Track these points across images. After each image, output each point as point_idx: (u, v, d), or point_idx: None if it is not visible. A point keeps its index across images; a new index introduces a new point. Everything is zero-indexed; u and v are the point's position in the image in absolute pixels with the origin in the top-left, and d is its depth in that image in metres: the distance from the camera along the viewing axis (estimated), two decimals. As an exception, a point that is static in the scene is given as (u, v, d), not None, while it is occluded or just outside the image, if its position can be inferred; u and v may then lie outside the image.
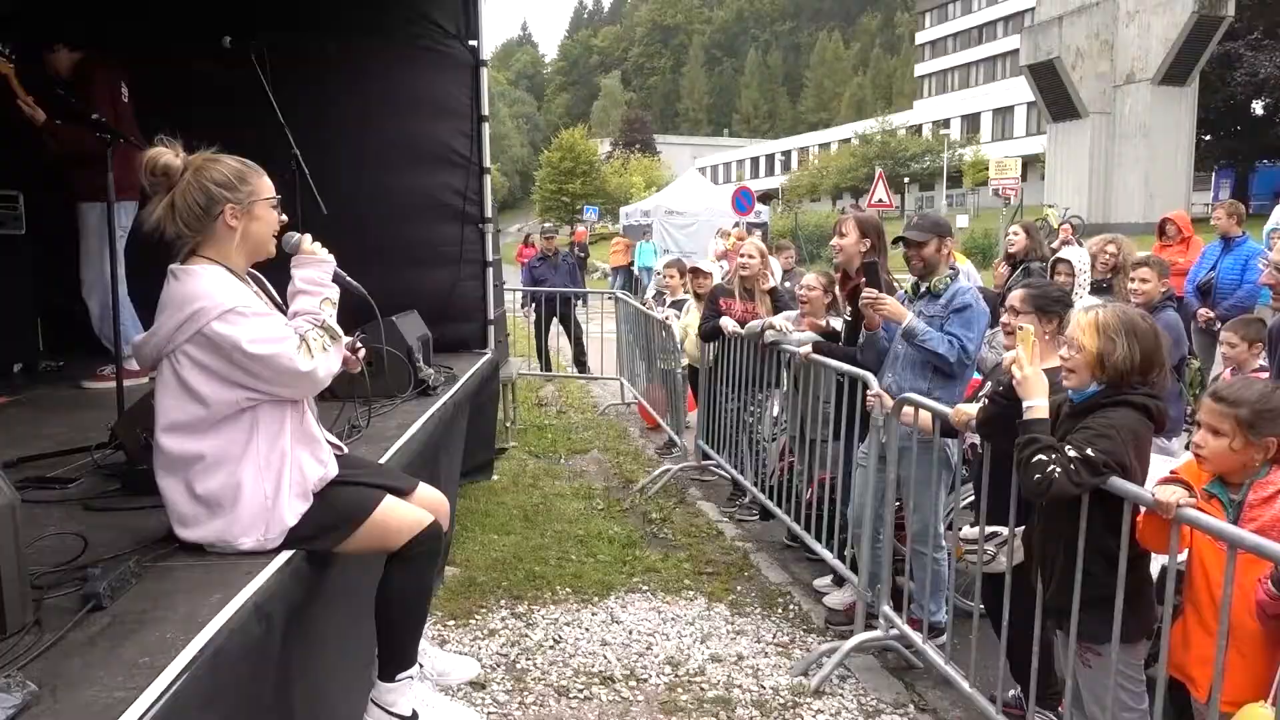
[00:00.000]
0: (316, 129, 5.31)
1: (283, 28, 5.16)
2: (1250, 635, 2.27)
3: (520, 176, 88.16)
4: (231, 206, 2.29)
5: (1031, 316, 3.13)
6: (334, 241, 2.73)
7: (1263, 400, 2.38)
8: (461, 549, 4.97)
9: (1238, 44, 28.02)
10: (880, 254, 4.43)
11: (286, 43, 5.31)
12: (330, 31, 5.56)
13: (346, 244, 4.93)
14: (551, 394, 10.04)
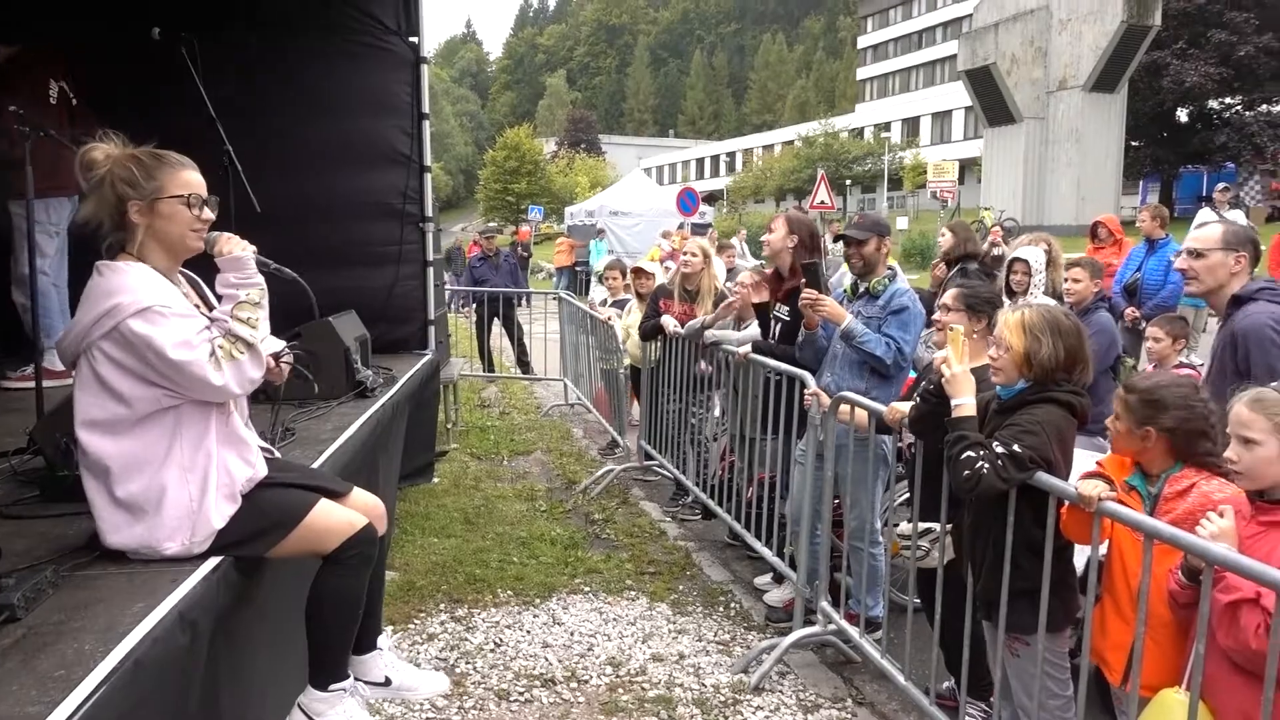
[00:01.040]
0: (252, 125, 5.18)
1: (215, 21, 5.04)
2: (1163, 623, 2.35)
3: (464, 175, 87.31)
4: (135, 203, 2.23)
5: (962, 315, 3.20)
6: (269, 240, 2.67)
7: (1151, 390, 2.47)
8: (401, 552, 4.91)
9: (1164, 53, 29.07)
10: (814, 252, 4.49)
11: (219, 36, 5.18)
12: (266, 25, 5.45)
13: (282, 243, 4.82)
14: (494, 395, 9.97)
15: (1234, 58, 28.64)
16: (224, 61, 5.19)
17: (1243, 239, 3.11)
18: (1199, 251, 3.14)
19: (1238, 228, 3.18)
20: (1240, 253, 3.08)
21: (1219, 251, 3.10)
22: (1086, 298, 4.86)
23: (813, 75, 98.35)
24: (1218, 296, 3.14)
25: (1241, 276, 3.09)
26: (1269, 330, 2.89)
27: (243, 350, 2.21)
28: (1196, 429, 2.40)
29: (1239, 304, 3.04)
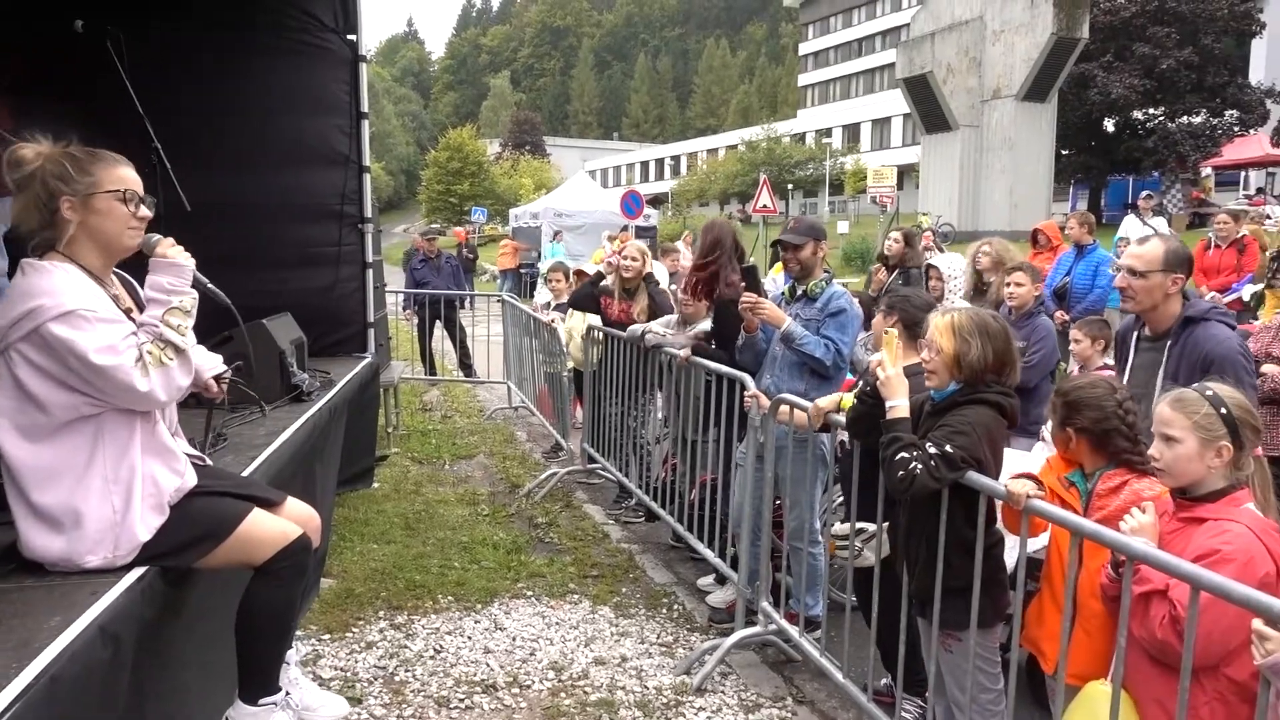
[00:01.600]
0: (182, 123, 5.05)
1: (142, 14, 4.90)
2: (1095, 615, 2.43)
3: (406, 176, 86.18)
4: (68, 199, 2.16)
5: (894, 320, 3.26)
6: (202, 241, 2.60)
7: (1069, 392, 2.60)
8: (339, 559, 4.82)
9: (1092, 65, 30.03)
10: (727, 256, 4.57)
11: (147, 31, 5.03)
12: (196, 20, 5.30)
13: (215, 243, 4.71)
14: (436, 398, 9.85)
15: (1156, 70, 29.73)
16: (152, 57, 5.05)
17: (1181, 259, 3.20)
18: (1140, 271, 3.19)
19: (1177, 247, 3.27)
20: (1178, 274, 3.18)
21: (1159, 274, 3.16)
22: (1028, 303, 4.96)
23: (755, 81, 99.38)
24: (1154, 314, 3.22)
25: (1176, 297, 3.19)
26: (1239, 357, 3.02)
27: (172, 356, 2.15)
28: (1110, 428, 2.50)
29: (1192, 324, 3.13)
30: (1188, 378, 2.99)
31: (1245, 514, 2.18)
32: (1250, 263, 8.41)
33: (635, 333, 5.12)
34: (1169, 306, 3.19)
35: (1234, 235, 8.63)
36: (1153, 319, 3.25)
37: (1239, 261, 8.44)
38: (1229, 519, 2.15)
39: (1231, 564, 2.03)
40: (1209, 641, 1.98)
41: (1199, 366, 3.02)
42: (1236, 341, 3.07)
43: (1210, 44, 30.48)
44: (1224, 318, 3.17)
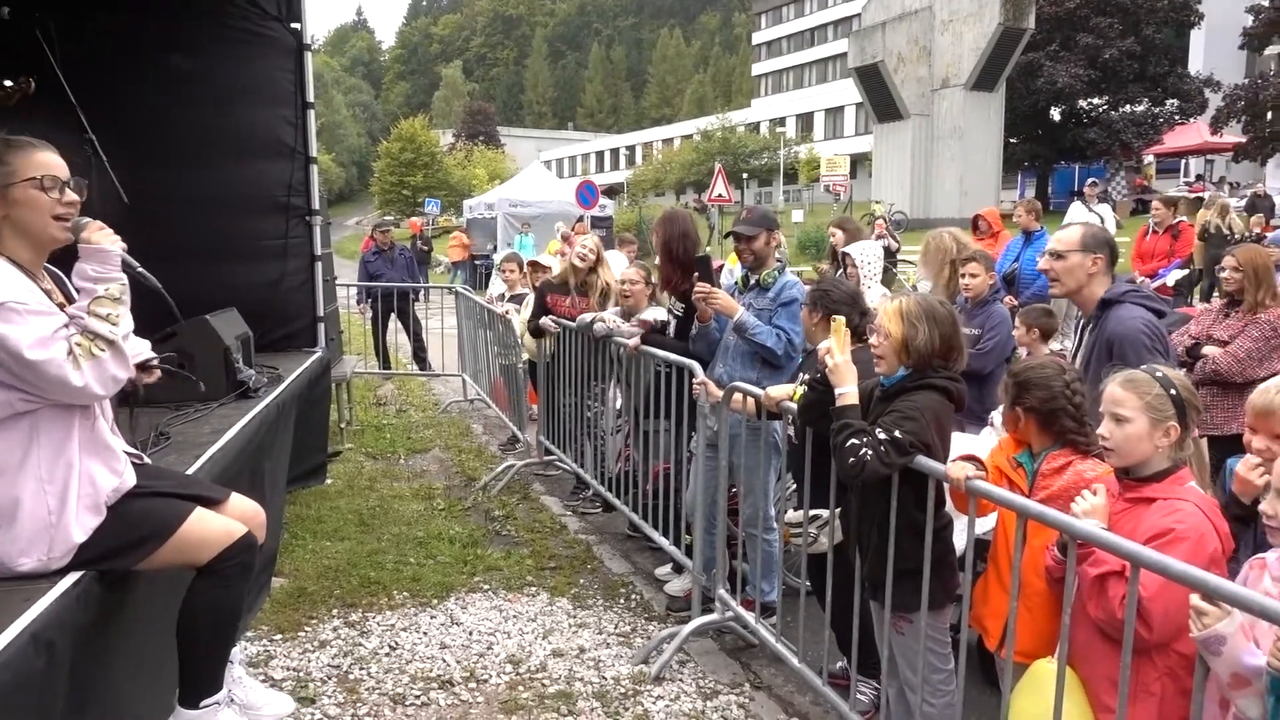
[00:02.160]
0: (118, 114, 4.92)
1: (79, 2, 4.74)
2: (1037, 593, 2.47)
3: (358, 167, 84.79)
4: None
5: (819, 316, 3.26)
6: (142, 235, 2.53)
7: (1020, 372, 2.65)
8: (290, 558, 4.73)
9: (1038, 55, 30.53)
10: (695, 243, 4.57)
11: (80, 18, 4.88)
12: (133, 8, 5.15)
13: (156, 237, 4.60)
14: (390, 392, 9.73)
15: (1100, 60, 30.31)
16: (89, 46, 4.90)
17: (1100, 241, 3.28)
18: (1059, 253, 3.29)
19: (1095, 229, 3.35)
20: (1097, 254, 3.25)
21: (1077, 254, 3.25)
22: (983, 291, 4.98)
23: (710, 70, 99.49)
24: (1080, 296, 3.30)
25: (1100, 276, 3.26)
26: (1142, 335, 3.05)
27: (103, 348, 2.07)
28: (1057, 408, 2.54)
29: (1108, 306, 3.20)
30: (1097, 359, 3.07)
31: (1192, 493, 2.22)
32: (1183, 249, 8.64)
33: (585, 322, 5.09)
34: (1093, 289, 3.25)
35: (1169, 221, 8.84)
36: (1080, 301, 3.33)
37: (1172, 247, 8.66)
38: (1178, 498, 2.19)
39: (1185, 542, 2.07)
40: (1167, 619, 2.01)
41: (1104, 347, 3.09)
42: (1142, 321, 3.09)
43: (1151, 34, 31.17)
44: (1142, 300, 3.22)
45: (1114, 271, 3.32)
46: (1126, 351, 2.98)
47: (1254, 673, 1.69)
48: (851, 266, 5.45)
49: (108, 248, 2.19)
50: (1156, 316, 3.14)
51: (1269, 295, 4.42)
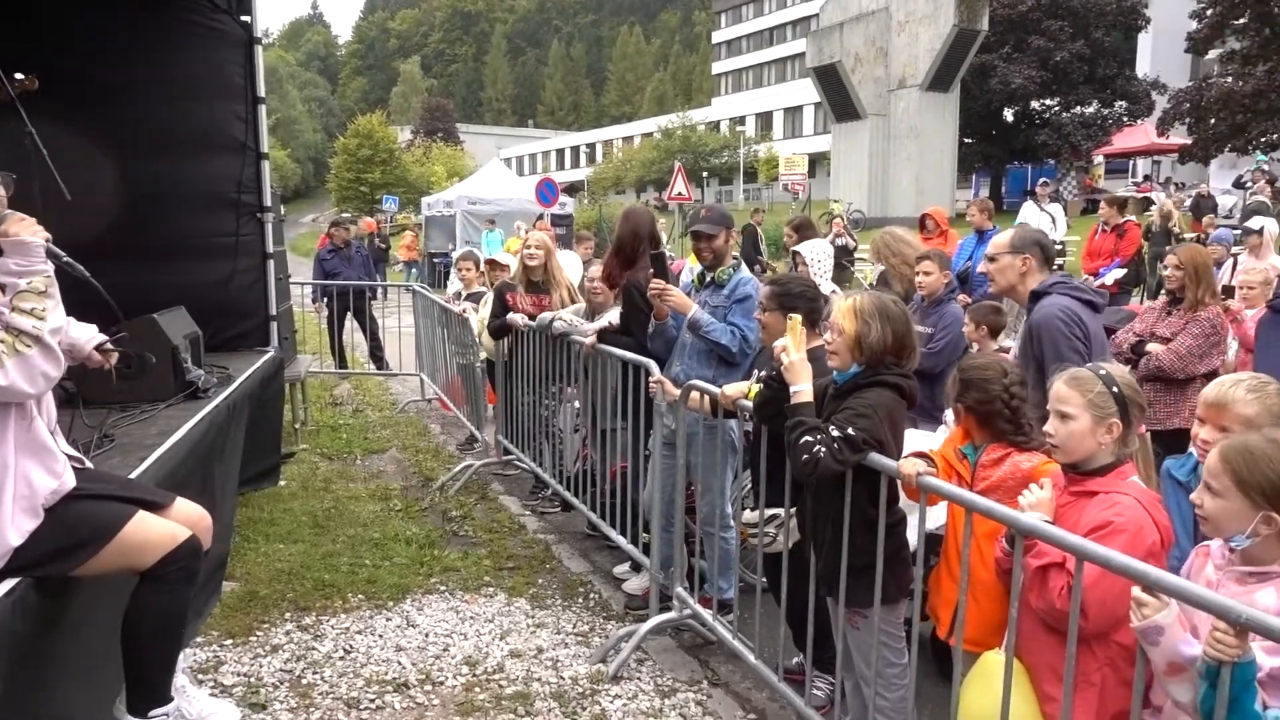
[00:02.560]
0: (61, 108, 4.76)
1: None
2: (981, 583, 2.51)
3: (314, 164, 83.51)
4: None
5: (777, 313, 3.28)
6: (86, 232, 2.46)
7: (964, 371, 2.73)
8: (242, 561, 4.65)
9: (992, 57, 31.03)
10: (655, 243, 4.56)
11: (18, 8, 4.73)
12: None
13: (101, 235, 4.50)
14: (347, 392, 9.60)
15: (1052, 62, 30.90)
16: (29, 37, 4.76)
17: (1029, 241, 3.45)
18: (992, 256, 3.50)
19: (1025, 231, 3.54)
20: (1026, 254, 3.41)
21: (1007, 255, 3.45)
22: (938, 289, 5.04)
23: (670, 68, 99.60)
24: (1015, 293, 3.49)
25: (1032, 275, 3.42)
26: (1057, 321, 3.19)
27: (29, 344, 2.00)
28: (994, 410, 2.61)
29: (1037, 298, 3.31)
30: (1025, 346, 3.20)
31: (1133, 486, 2.28)
32: (1127, 248, 8.85)
33: (544, 320, 5.07)
34: (1025, 286, 3.42)
35: (1115, 220, 9.04)
36: (1016, 298, 3.55)
37: (1115, 246, 8.87)
38: (1119, 491, 2.24)
39: (1124, 534, 2.12)
40: (1102, 609, 2.06)
41: (1029, 335, 3.25)
42: (1059, 309, 3.21)
43: (1100, 37, 31.86)
44: (1070, 290, 3.33)
45: (1049, 269, 3.44)
46: (1043, 338, 3.14)
47: (1190, 661, 1.73)
48: (802, 265, 5.50)
49: (28, 239, 2.11)
50: (1088, 308, 3.25)
51: (1208, 293, 4.54)
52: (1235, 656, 1.60)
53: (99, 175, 4.91)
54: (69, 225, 2.30)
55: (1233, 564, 1.93)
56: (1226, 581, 1.90)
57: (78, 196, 4.44)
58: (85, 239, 2.30)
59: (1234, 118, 26.85)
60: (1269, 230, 6.98)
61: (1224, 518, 1.90)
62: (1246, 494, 1.86)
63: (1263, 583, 1.86)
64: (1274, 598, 1.82)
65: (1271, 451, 1.88)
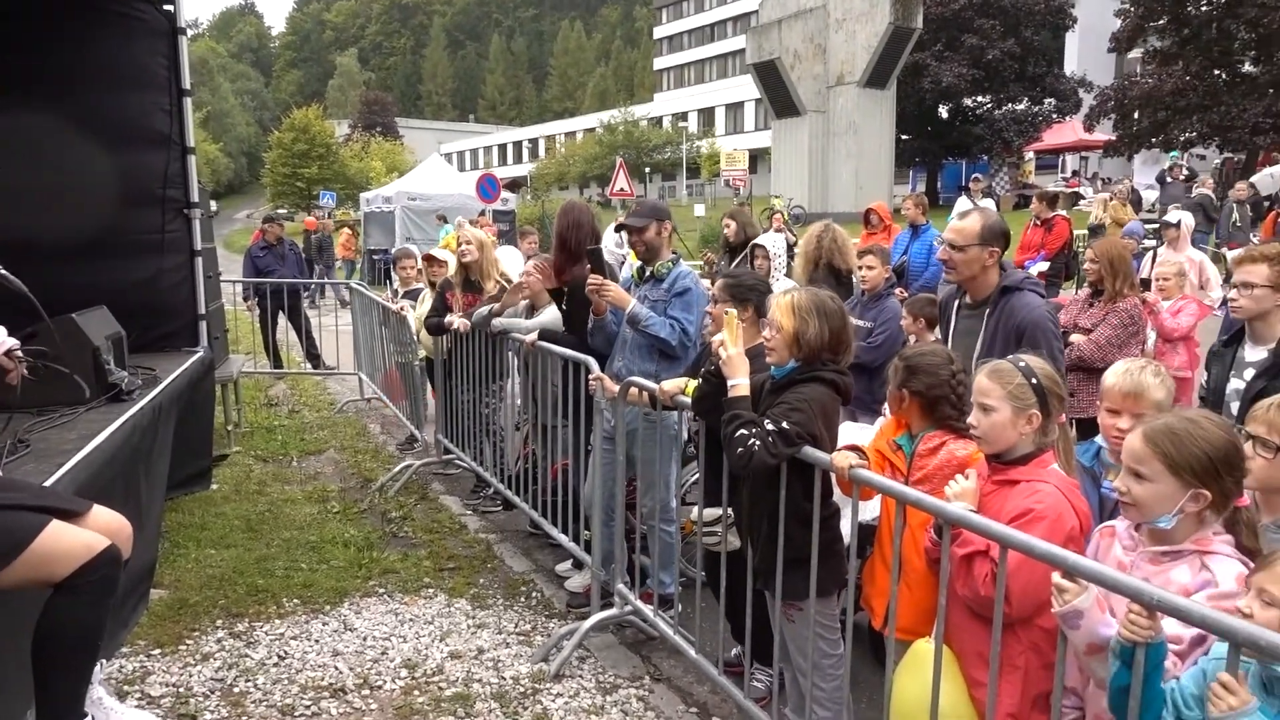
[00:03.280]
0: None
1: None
2: (915, 571, 2.56)
3: (248, 158, 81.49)
4: None
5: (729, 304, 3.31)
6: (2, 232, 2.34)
7: (911, 358, 2.75)
8: (171, 568, 4.51)
9: (925, 55, 31.66)
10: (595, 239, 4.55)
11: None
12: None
13: (17, 233, 4.32)
14: (283, 392, 9.39)
15: (984, 60, 31.65)
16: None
17: (997, 233, 3.46)
18: (959, 245, 3.45)
19: (994, 222, 3.52)
20: (994, 247, 3.43)
21: (976, 247, 3.42)
22: (879, 284, 5.11)
23: (612, 63, 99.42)
24: (973, 284, 3.47)
25: (994, 269, 3.44)
26: (1048, 321, 3.30)
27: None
28: (941, 394, 2.65)
29: (1009, 293, 3.36)
30: (1004, 342, 3.25)
31: (1053, 475, 2.34)
32: (1053, 242, 9.13)
33: (481, 316, 5.01)
34: (987, 277, 3.45)
35: (1045, 215, 9.31)
36: (973, 288, 3.51)
37: (1043, 240, 9.14)
38: (1040, 480, 2.30)
39: (1044, 521, 2.18)
40: (1024, 595, 2.12)
41: (1013, 332, 3.29)
42: (1046, 309, 3.34)
43: (1030, 36, 32.72)
44: (1035, 287, 3.46)
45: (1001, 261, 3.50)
46: (1037, 336, 3.20)
47: (1108, 641, 1.79)
48: (763, 259, 5.53)
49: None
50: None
51: (1126, 284, 4.69)
52: (1148, 637, 1.65)
53: (11, 171, 4.72)
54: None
55: (1142, 544, 1.99)
56: (1140, 562, 1.96)
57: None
58: (2, 238, 2.19)
59: (1156, 115, 27.83)
60: (1185, 224, 7.24)
61: (1154, 501, 1.94)
62: (1177, 474, 1.92)
63: (1176, 560, 1.93)
64: (1188, 574, 1.89)
65: (1194, 430, 1.94)
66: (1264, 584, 1.71)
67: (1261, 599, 1.70)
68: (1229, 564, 1.88)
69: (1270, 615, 1.67)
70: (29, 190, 4.75)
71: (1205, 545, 1.91)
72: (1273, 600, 1.68)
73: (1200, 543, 1.92)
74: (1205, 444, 1.91)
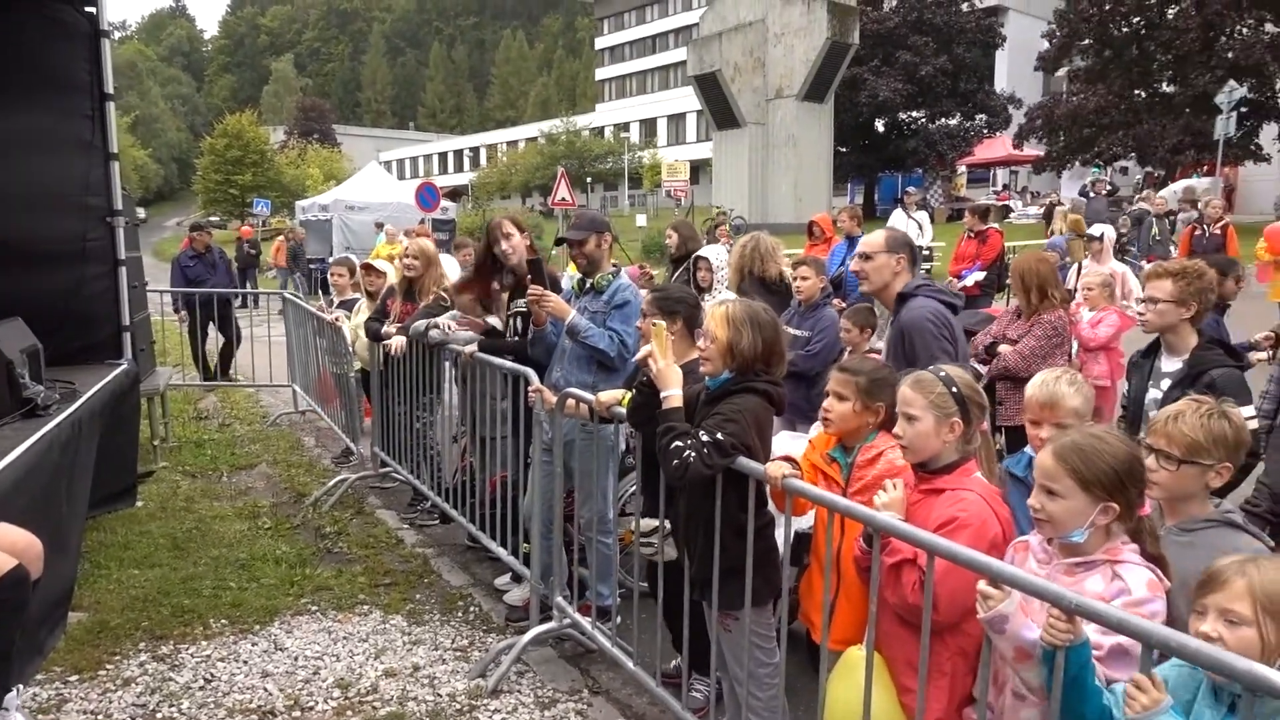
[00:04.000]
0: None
1: None
2: (854, 583, 2.59)
3: (178, 164, 79.33)
4: None
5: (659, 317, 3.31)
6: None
7: (876, 371, 2.78)
8: (92, 589, 4.34)
9: (863, 69, 32.37)
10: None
11: None
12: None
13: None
14: (213, 405, 9.13)
15: (918, 76, 32.50)
16: None
17: (901, 243, 3.58)
18: (867, 254, 3.57)
19: (897, 233, 3.64)
20: (900, 254, 3.53)
21: (883, 254, 3.55)
22: (814, 294, 5.18)
23: (554, 73, 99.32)
24: (885, 294, 3.58)
25: (903, 276, 3.54)
26: (928, 323, 3.35)
27: None
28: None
29: (904, 299, 3.44)
30: (895, 347, 3.33)
31: (976, 483, 2.40)
32: (988, 253, 9.39)
33: (419, 329, 4.95)
34: (895, 286, 3.56)
35: (978, 228, 9.57)
36: (883, 298, 3.64)
37: (977, 251, 9.39)
38: (964, 488, 2.36)
39: (968, 529, 2.23)
40: (951, 602, 2.16)
41: (900, 336, 3.37)
42: (929, 311, 3.38)
43: (962, 53, 33.69)
44: (934, 293, 3.51)
45: (915, 270, 3.58)
46: (914, 338, 3.27)
47: (1033, 645, 1.83)
48: (706, 270, 5.56)
49: None
50: (949, 309, 3.41)
51: (1040, 298, 4.82)
52: (1068, 641, 1.69)
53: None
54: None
55: (1056, 557, 2.05)
56: (1056, 574, 2.01)
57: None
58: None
59: (1081, 132, 28.89)
60: (1108, 237, 7.50)
61: (1067, 517, 1.99)
62: (1088, 489, 1.97)
63: (1089, 571, 1.98)
64: (1101, 584, 1.95)
65: (1099, 445, 2.01)
66: (1225, 604, 1.68)
67: (1226, 619, 1.68)
68: (1139, 571, 1.94)
69: (1242, 634, 1.65)
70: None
71: (1116, 555, 1.97)
72: (1239, 619, 1.66)
73: (1111, 552, 1.98)
74: (1111, 458, 1.98)
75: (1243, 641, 1.64)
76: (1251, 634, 1.65)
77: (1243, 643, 1.64)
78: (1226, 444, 2.26)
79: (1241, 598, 1.67)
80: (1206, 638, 1.65)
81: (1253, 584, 1.66)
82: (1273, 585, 1.66)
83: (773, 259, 5.46)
